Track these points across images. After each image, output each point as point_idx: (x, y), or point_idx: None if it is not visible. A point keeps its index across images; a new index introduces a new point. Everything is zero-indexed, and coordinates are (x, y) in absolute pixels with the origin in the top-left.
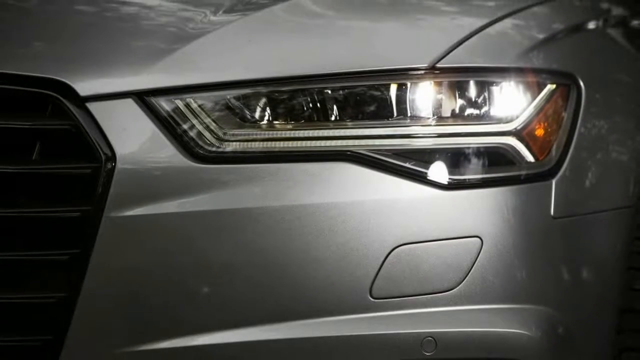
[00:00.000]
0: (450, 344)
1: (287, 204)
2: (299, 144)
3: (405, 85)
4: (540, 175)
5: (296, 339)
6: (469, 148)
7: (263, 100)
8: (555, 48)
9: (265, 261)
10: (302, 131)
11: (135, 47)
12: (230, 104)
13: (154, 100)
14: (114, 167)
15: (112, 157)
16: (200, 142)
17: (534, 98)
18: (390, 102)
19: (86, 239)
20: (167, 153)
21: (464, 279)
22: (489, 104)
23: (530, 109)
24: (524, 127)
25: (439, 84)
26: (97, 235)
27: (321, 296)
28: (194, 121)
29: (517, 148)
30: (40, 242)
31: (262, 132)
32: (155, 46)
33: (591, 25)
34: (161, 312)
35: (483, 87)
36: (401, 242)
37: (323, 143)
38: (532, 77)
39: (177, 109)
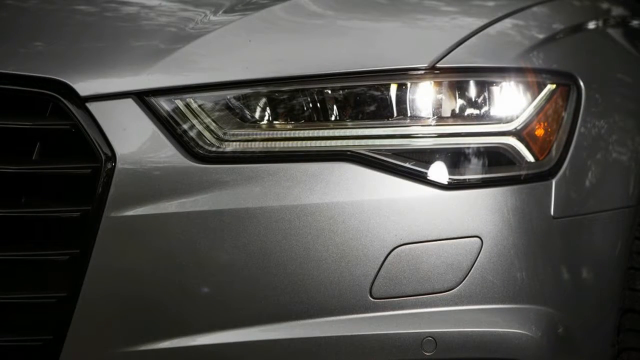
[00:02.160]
0: (450, 344)
1: (287, 204)
2: (299, 144)
3: (405, 85)
4: (540, 175)
5: (296, 339)
6: (469, 148)
7: (263, 100)
8: (555, 48)
9: (265, 261)
10: (302, 131)
11: (135, 47)
12: (230, 104)
13: (154, 100)
14: (114, 167)
15: (112, 157)
16: (200, 142)
17: (533, 98)
18: (390, 102)
19: (86, 239)
20: (167, 153)
21: (463, 279)
22: (489, 104)
23: (530, 109)
24: (524, 127)
25: (439, 84)
26: (97, 235)
27: (321, 296)
28: (194, 121)
29: (517, 148)
30: (40, 242)
31: (262, 132)
32: (155, 46)
33: (591, 25)
34: (161, 312)
35: (483, 87)
36: (401, 242)
37: (323, 143)
38: (532, 77)
39: (177, 109)
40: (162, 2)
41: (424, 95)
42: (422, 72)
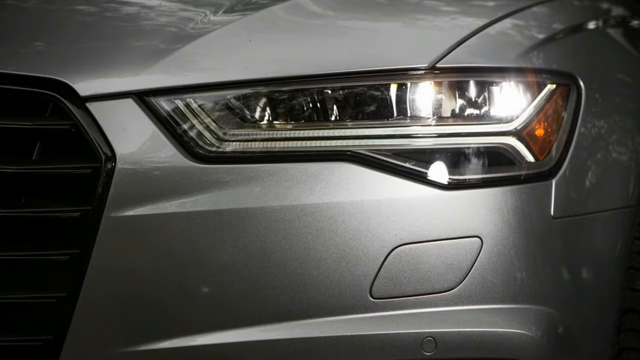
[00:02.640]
0: (450, 344)
1: (287, 204)
2: (299, 144)
3: (405, 85)
4: (540, 175)
5: (296, 339)
6: (469, 148)
7: (263, 100)
8: (555, 48)
9: (265, 261)
10: (302, 131)
11: (135, 47)
12: (230, 104)
13: (154, 100)
14: (114, 167)
15: (112, 157)
16: (200, 142)
17: (533, 98)
18: (390, 102)
19: (86, 239)
20: (167, 153)
21: (463, 279)
22: (489, 104)
23: (530, 109)
24: (524, 127)
25: (439, 84)
26: (97, 235)
27: (321, 296)
28: (194, 121)
29: (517, 148)
30: (40, 242)
31: (262, 132)
32: (155, 46)
33: (591, 25)
34: (161, 312)
35: (483, 87)
36: (401, 242)
37: (323, 143)
38: (532, 77)
39: (177, 109)
40: (162, 2)
41: (424, 95)
42: (422, 72)
